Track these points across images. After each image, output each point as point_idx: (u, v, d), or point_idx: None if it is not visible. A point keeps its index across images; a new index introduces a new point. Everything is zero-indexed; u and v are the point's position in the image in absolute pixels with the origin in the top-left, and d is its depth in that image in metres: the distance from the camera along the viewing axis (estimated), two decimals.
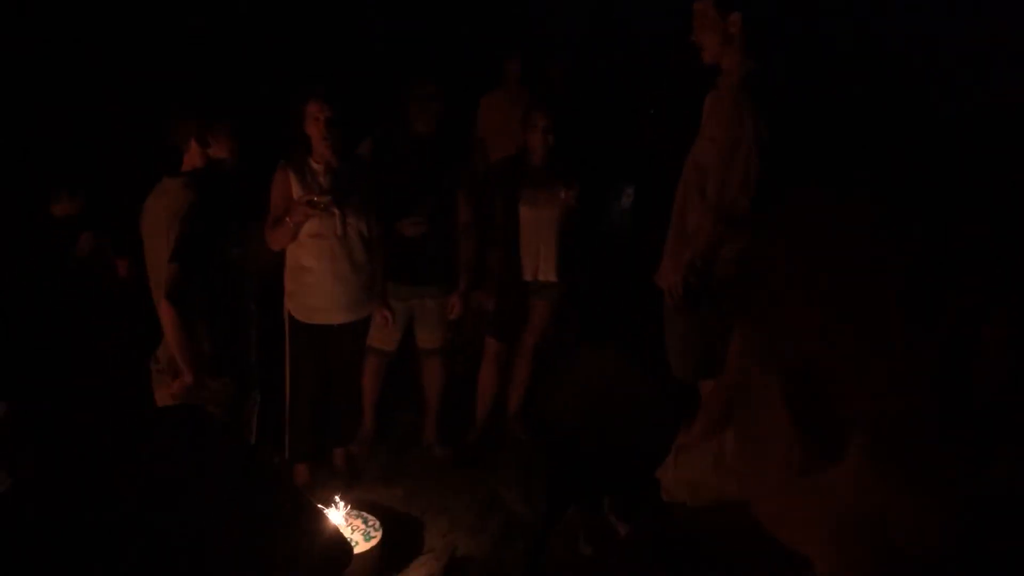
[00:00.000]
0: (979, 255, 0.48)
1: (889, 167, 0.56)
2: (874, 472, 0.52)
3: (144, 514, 1.01)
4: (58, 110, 4.66)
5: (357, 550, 3.23)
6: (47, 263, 3.84)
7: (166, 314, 2.62)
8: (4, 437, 2.99)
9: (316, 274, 3.37)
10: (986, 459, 0.48)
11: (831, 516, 0.55)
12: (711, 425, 3.29)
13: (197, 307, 2.68)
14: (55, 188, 4.30)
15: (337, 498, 3.36)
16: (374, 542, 3.26)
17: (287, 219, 3.19)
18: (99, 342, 3.80)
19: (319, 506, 1.18)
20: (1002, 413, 0.47)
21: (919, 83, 3.83)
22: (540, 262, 3.96)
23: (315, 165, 3.31)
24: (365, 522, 3.35)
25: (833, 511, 0.55)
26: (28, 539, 0.95)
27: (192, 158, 2.81)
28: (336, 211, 3.27)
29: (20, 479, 0.89)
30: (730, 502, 2.57)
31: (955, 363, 0.47)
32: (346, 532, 3.28)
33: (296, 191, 3.26)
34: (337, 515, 3.32)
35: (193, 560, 1.01)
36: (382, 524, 3.35)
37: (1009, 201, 0.49)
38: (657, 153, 3.89)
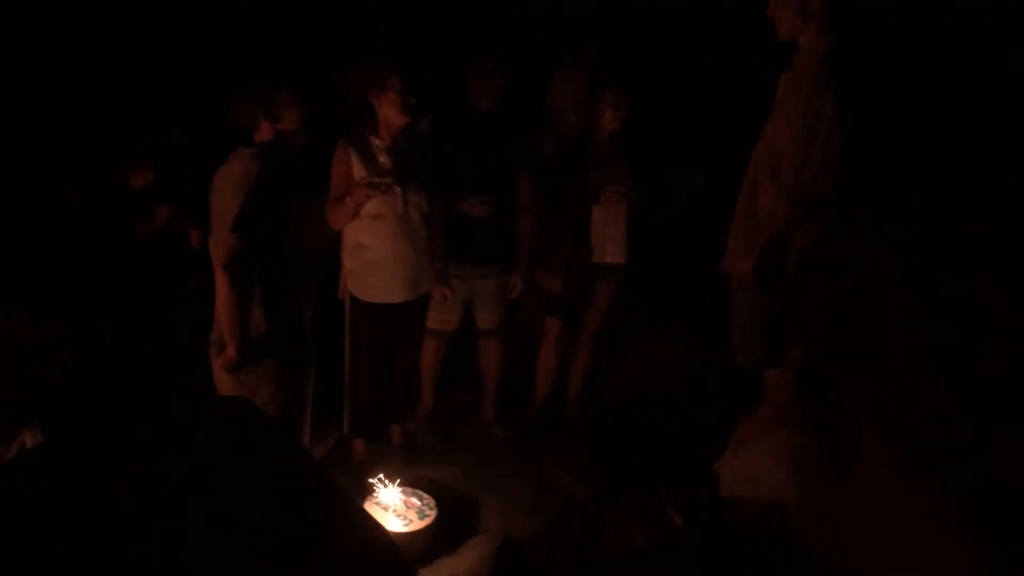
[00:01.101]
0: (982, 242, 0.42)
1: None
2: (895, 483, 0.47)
3: (182, 503, 1.00)
4: (136, 82, 4.77)
5: (411, 528, 3.24)
6: (126, 233, 3.92)
7: (220, 284, 2.63)
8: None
9: (376, 253, 3.36)
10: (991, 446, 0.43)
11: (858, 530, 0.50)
12: (774, 418, 3.19)
13: (253, 280, 2.69)
14: (130, 159, 4.41)
15: (382, 477, 3.37)
16: (428, 520, 3.27)
17: (347, 199, 3.18)
18: (174, 312, 3.87)
19: (365, 509, 1.17)
20: (1007, 397, 0.42)
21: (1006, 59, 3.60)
22: (607, 243, 3.89)
23: (377, 143, 3.28)
24: (420, 500, 3.36)
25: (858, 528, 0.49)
26: (58, 514, 0.94)
27: (263, 132, 2.83)
28: (397, 190, 3.24)
29: (55, 445, 0.89)
30: (790, 502, 2.49)
31: (957, 347, 0.42)
32: (401, 510, 3.30)
33: (357, 170, 3.25)
34: (392, 493, 3.34)
35: (223, 552, 1.00)
36: (437, 503, 3.35)
37: (1010, 195, 0.43)
38: (725, 134, 3.76)
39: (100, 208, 3.82)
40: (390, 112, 3.21)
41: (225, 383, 2.83)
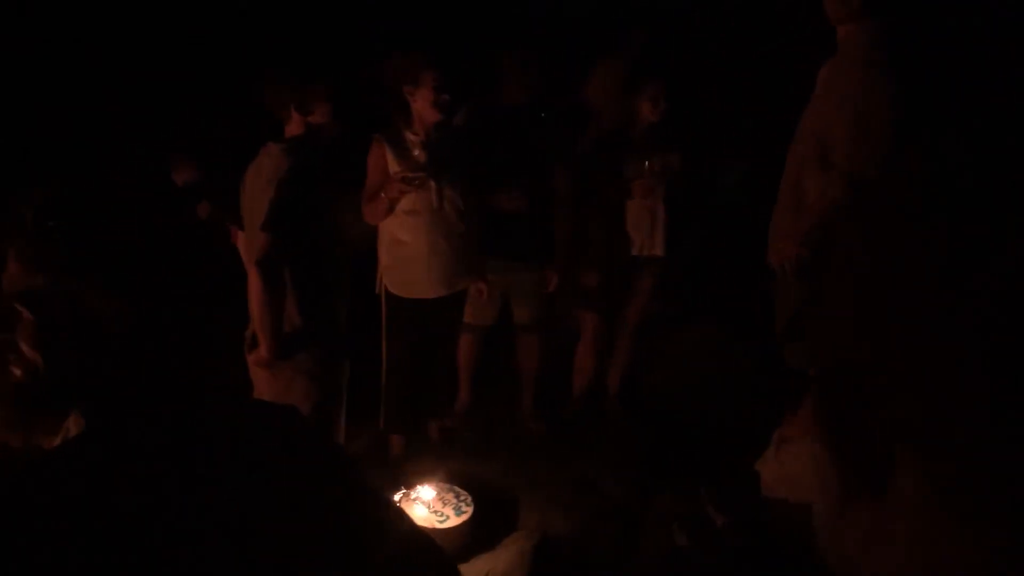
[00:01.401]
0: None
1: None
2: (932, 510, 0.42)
3: (219, 502, 0.99)
4: (178, 80, 4.82)
5: (447, 524, 3.22)
6: (169, 230, 3.96)
7: (253, 281, 2.62)
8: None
9: (412, 248, 3.34)
10: None
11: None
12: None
13: (287, 277, 2.67)
14: (172, 156, 4.46)
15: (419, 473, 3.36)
16: (465, 517, 3.25)
17: (382, 195, 3.15)
18: (215, 311, 3.90)
19: (410, 519, 1.15)
20: None
21: None
22: (646, 236, 3.83)
23: (412, 137, 3.25)
24: (457, 496, 3.33)
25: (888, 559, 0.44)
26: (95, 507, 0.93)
27: (293, 126, 2.81)
28: (432, 184, 3.21)
29: (89, 436, 0.90)
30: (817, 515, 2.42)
31: (1009, 359, 0.37)
32: (438, 506, 3.28)
33: (392, 165, 3.22)
34: (429, 489, 3.32)
35: (258, 554, 0.99)
36: (474, 499, 3.33)
37: None
38: (766, 125, 3.67)
39: (146, 201, 3.86)
40: (424, 108, 3.18)
41: (260, 379, 2.83)
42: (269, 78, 2.78)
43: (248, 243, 2.74)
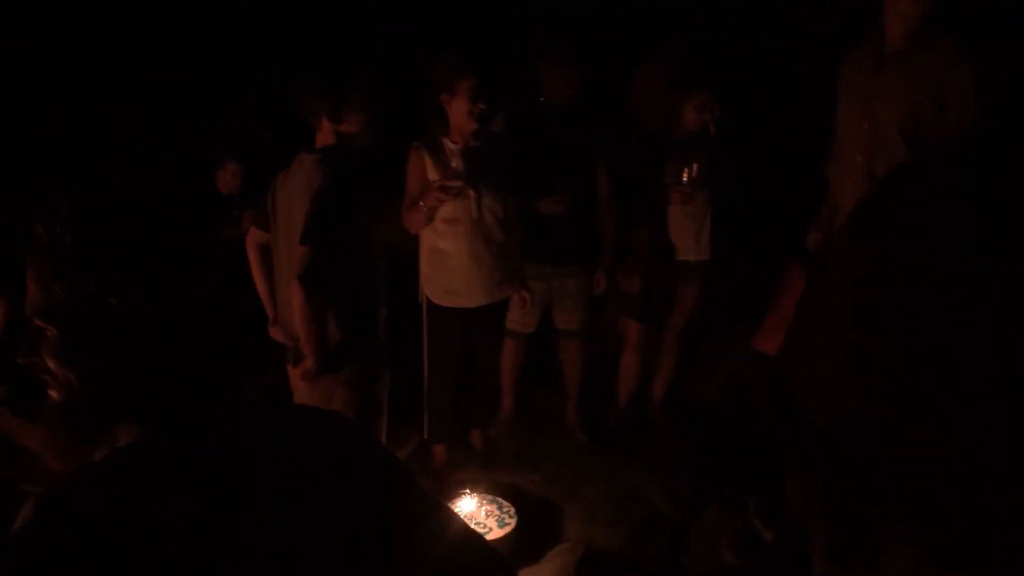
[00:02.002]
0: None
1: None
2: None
3: (274, 509, 0.97)
4: (232, 81, 4.88)
5: (490, 536, 3.18)
6: (213, 241, 3.98)
7: (296, 296, 2.60)
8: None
9: (453, 257, 3.31)
10: None
11: None
12: None
13: (328, 290, 2.65)
14: (220, 162, 4.50)
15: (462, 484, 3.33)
16: (508, 529, 3.21)
17: (421, 203, 3.13)
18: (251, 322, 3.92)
19: (461, 520, 1.13)
20: None
21: None
22: (690, 241, 3.75)
23: (451, 145, 3.22)
24: (500, 508, 3.30)
25: None
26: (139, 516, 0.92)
27: (324, 135, 2.76)
28: (472, 193, 3.18)
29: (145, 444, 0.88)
30: None
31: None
32: (480, 517, 3.25)
33: (431, 173, 3.20)
34: (471, 500, 3.29)
35: (315, 562, 0.97)
36: (517, 511, 3.29)
37: None
38: (808, 132, 3.58)
39: (185, 204, 3.89)
40: (460, 117, 3.14)
41: (300, 391, 2.82)
42: (299, 86, 2.74)
43: (288, 257, 2.72)
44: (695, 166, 3.52)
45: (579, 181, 3.57)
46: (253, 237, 2.93)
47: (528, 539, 3.27)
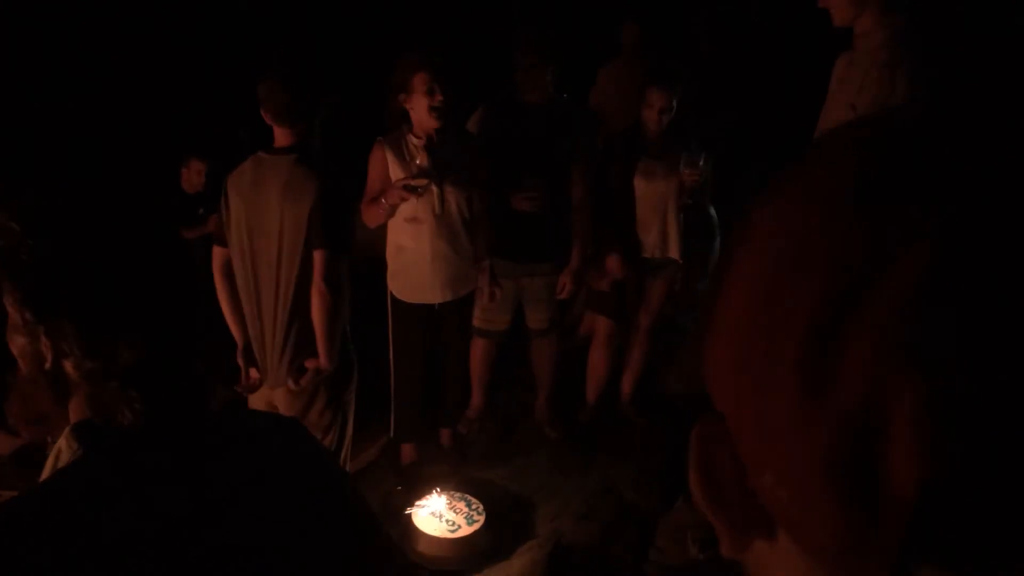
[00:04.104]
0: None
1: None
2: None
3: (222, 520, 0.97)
4: (189, 89, 4.82)
5: (460, 534, 3.18)
6: (181, 242, 3.93)
7: (323, 300, 2.60)
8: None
9: (414, 254, 3.28)
10: None
11: None
12: None
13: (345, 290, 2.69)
14: (184, 160, 4.44)
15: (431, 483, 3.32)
16: (477, 526, 3.20)
17: (382, 200, 3.09)
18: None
19: (403, 553, 1.13)
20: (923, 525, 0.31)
21: None
22: (658, 238, 3.75)
23: (415, 141, 3.18)
24: (468, 505, 3.29)
25: None
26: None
27: (284, 135, 2.67)
28: (435, 191, 3.14)
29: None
30: None
31: (859, 450, 0.32)
32: (449, 515, 3.24)
33: (393, 170, 3.16)
34: (440, 499, 3.28)
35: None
36: (486, 508, 3.28)
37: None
38: (784, 126, 3.60)
39: (153, 206, 3.83)
40: (421, 114, 3.10)
41: (279, 393, 2.80)
42: (270, 85, 2.66)
43: (293, 264, 2.65)
44: (704, 155, 3.54)
45: (552, 179, 3.55)
46: (218, 258, 2.80)
47: (498, 536, 3.28)
